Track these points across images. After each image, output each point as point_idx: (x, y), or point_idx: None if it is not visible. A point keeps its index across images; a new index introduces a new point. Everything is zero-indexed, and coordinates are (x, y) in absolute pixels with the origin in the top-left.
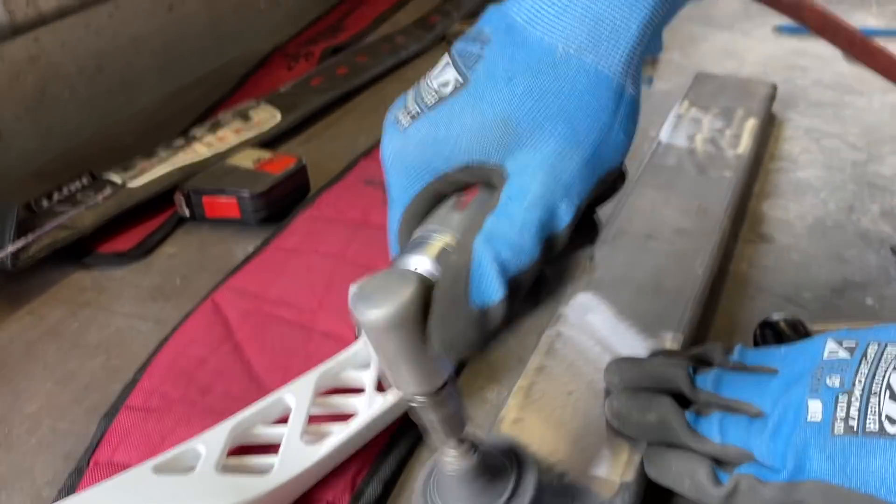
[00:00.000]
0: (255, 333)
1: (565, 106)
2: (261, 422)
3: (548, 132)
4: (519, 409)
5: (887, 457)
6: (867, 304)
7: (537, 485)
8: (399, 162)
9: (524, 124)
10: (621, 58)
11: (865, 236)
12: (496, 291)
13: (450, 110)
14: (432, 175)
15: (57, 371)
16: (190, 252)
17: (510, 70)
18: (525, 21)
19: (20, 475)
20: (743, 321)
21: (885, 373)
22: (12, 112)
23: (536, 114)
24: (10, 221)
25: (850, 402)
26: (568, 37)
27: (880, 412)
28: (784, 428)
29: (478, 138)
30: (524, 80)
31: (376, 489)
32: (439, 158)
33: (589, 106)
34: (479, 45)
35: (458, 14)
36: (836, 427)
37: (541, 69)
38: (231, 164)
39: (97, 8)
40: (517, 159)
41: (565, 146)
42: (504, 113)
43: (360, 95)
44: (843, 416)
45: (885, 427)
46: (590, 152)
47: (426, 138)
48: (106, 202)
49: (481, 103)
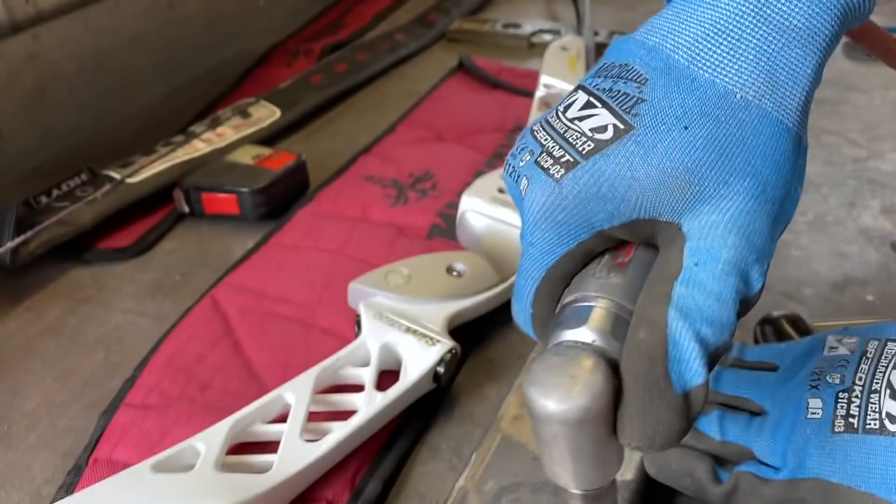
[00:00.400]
0: (255, 330)
1: (751, 159)
2: (260, 419)
3: (734, 188)
4: (519, 406)
5: (888, 455)
6: (868, 300)
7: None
8: (551, 217)
9: (708, 179)
10: (798, 104)
11: (866, 232)
12: (699, 374)
13: (615, 161)
14: (588, 233)
15: (56, 368)
16: (189, 248)
17: (684, 116)
18: (688, 61)
19: (19, 473)
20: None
21: (886, 370)
22: (11, 110)
23: (721, 167)
24: (9, 218)
25: (850, 399)
26: (744, 81)
27: (881, 410)
28: (784, 425)
29: (652, 194)
30: (703, 127)
31: (376, 487)
32: (601, 215)
33: (774, 159)
34: (634, 86)
35: (457, 11)
36: (836, 425)
37: (720, 116)
38: (230, 161)
39: (97, 6)
40: (699, 218)
41: (754, 204)
42: (684, 165)
43: (359, 92)
44: (843, 413)
45: (885, 425)
46: (777, 210)
47: (587, 193)
48: (105, 198)
49: (654, 154)
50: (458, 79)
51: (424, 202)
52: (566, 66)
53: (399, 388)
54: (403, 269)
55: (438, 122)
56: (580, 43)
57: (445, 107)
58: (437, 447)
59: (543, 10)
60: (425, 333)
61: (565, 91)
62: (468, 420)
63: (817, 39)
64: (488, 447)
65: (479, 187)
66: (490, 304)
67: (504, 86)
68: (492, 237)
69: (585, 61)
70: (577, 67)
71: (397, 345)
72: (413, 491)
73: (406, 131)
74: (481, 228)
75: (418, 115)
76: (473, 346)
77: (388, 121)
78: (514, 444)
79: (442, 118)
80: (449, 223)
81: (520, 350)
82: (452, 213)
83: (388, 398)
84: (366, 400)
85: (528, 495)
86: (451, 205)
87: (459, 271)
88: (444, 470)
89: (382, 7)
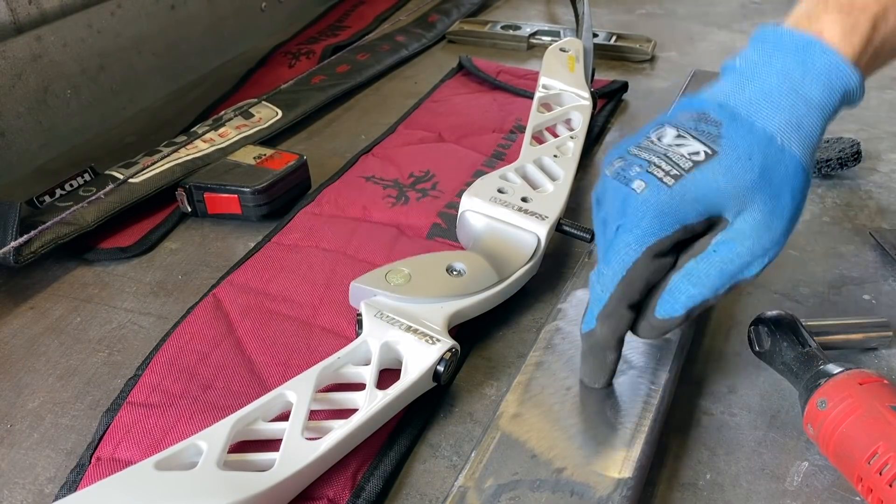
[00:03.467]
0: (256, 329)
1: (780, 185)
2: (262, 418)
3: (763, 203)
4: (518, 405)
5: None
6: (864, 299)
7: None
8: (660, 210)
9: (756, 193)
10: (811, 151)
11: (862, 232)
12: (679, 312)
13: (707, 176)
14: (678, 225)
15: (59, 366)
16: (191, 248)
17: (749, 149)
18: (748, 113)
19: (22, 471)
20: (740, 317)
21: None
22: (15, 110)
23: (763, 186)
24: (12, 218)
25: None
26: (781, 129)
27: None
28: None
29: (725, 200)
30: (759, 158)
31: (376, 485)
32: (693, 213)
33: (794, 187)
34: (713, 126)
35: (457, 13)
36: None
37: (768, 153)
38: (232, 161)
39: (99, 7)
40: (741, 218)
41: (771, 218)
42: (748, 182)
43: (360, 93)
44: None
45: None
46: (789, 226)
47: (689, 195)
48: (108, 198)
49: (731, 173)
50: (458, 80)
51: (425, 202)
52: (565, 68)
53: (399, 386)
54: (404, 268)
55: (438, 123)
56: (579, 44)
57: (445, 107)
58: (437, 445)
59: (542, 12)
60: (425, 332)
61: (564, 92)
62: (468, 418)
63: (826, 110)
64: (487, 445)
65: (479, 187)
66: (490, 303)
67: (503, 87)
68: (492, 237)
69: (584, 63)
70: (575, 69)
71: (398, 344)
72: (413, 489)
73: (406, 132)
74: (481, 228)
75: (419, 116)
76: (473, 345)
77: (389, 121)
78: (513, 443)
79: (442, 119)
80: (449, 223)
81: (519, 349)
82: (452, 213)
83: (388, 397)
84: (366, 398)
85: (527, 493)
86: (451, 205)
87: (459, 271)
88: (443, 468)
89: (383, 9)
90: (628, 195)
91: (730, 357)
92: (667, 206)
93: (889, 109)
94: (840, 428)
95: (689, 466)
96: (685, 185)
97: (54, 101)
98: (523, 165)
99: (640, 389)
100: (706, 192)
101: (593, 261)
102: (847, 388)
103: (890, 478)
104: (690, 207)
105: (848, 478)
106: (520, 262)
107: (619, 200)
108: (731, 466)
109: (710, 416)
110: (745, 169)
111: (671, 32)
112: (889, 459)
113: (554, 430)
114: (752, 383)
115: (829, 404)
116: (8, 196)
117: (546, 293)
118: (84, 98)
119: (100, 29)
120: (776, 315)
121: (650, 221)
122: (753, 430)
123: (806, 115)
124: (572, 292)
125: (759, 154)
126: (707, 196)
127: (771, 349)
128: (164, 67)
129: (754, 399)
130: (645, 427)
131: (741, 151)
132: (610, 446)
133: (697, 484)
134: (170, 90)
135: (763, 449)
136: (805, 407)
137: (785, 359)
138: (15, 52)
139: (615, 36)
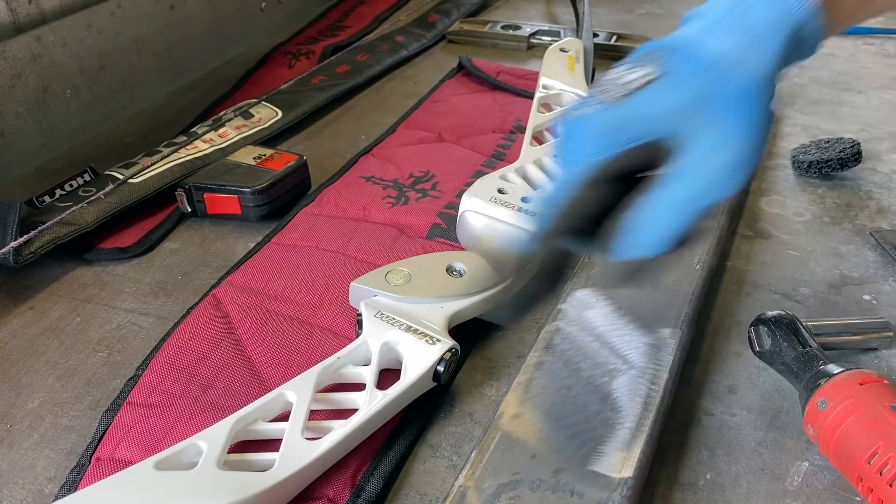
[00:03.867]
0: (256, 329)
1: (727, 106)
2: (262, 418)
3: (710, 124)
4: (518, 405)
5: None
6: (864, 300)
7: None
8: (604, 128)
9: (701, 113)
10: (764, 75)
11: (863, 233)
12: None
13: (649, 95)
14: (627, 143)
15: (59, 367)
16: (191, 248)
17: (693, 70)
18: (696, 42)
19: (22, 471)
20: (740, 317)
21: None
22: (15, 111)
23: (707, 107)
24: (12, 218)
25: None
26: (727, 53)
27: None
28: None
29: (672, 120)
30: (701, 78)
31: (376, 485)
32: (639, 131)
33: (742, 108)
34: (661, 55)
35: (457, 13)
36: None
37: (710, 74)
38: (232, 161)
39: (99, 7)
40: (693, 143)
41: (725, 141)
42: (689, 99)
43: (360, 93)
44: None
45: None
46: (746, 151)
47: (633, 113)
48: (108, 198)
49: (673, 92)
50: (458, 80)
51: (425, 202)
52: (565, 68)
53: (399, 386)
54: (404, 268)
55: (438, 123)
56: (579, 44)
57: (445, 108)
58: (437, 445)
59: (543, 12)
60: (425, 333)
61: (564, 92)
62: (468, 418)
63: (780, 33)
64: (487, 445)
65: (479, 187)
66: (490, 303)
67: (503, 87)
68: (491, 237)
69: (584, 63)
70: (575, 69)
71: (398, 344)
72: (413, 489)
73: (406, 132)
74: (481, 228)
75: (418, 116)
76: (473, 345)
77: (389, 121)
78: (513, 442)
79: (442, 119)
80: (449, 223)
81: (519, 349)
82: (452, 213)
83: (388, 397)
84: (366, 398)
85: (527, 493)
86: (451, 205)
87: (459, 271)
88: (443, 468)
89: (383, 9)
90: (575, 119)
91: (730, 357)
92: (610, 124)
93: (889, 109)
94: (840, 428)
95: (689, 466)
96: (629, 104)
97: (54, 101)
98: (523, 166)
99: (640, 389)
100: (651, 111)
101: (593, 261)
102: (847, 388)
103: (890, 478)
104: (635, 126)
105: (848, 478)
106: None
107: (567, 127)
108: (731, 466)
109: (710, 416)
110: (687, 87)
111: (671, 32)
112: (889, 459)
113: (554, 431)
114: (752, 383)
115: (830, 404)
116: (8, 196)
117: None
118: (84, 98)
119: (99, 29)
120: (776, 315)
121: (595, 139)
122: (754, 431)
123: (755, 40)
124: (572, 292)
125: (701, 74)
126: (652, 115)
127: (771, 349)
128: (163, 67)
129: (754, 399)
130: (645, 427)
131: (684, 73)
132: (610, 446)
133: (697, 484)
134: (169, 90)
135: (763, 449)
136: (805, 407)
137: (785, 359)
138: (14, 52)
139: (615, 36)
